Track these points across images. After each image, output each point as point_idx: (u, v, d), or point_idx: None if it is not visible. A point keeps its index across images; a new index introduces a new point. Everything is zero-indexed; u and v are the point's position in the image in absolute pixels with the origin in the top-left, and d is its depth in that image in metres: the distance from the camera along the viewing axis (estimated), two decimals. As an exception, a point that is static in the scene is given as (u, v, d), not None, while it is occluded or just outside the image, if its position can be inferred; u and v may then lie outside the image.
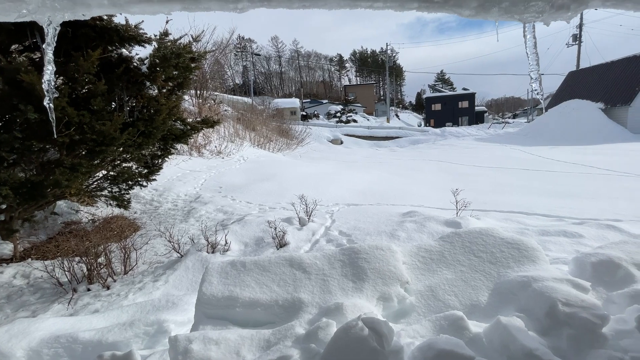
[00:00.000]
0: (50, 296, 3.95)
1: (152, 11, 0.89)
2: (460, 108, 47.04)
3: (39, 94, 3.33)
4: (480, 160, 13.26)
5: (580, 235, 3.82)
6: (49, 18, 0.76)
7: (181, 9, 0.91)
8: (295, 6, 0.96)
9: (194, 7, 0.90)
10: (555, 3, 0.92)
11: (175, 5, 0.89)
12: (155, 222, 6.05)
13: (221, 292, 2.04)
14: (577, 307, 1.59)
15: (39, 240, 5.15)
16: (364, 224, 5.04)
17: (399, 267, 2.12)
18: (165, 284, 3.91)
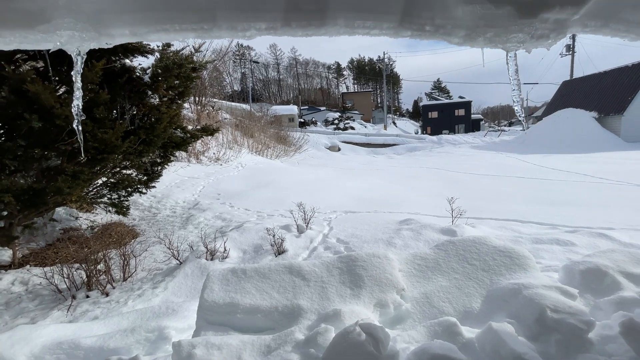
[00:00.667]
0: (49, 303, 3.96)
1: (168, 39, 0.97)
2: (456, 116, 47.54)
3: (44, 103, 3.40)
4: (476, 167, 13.40)
5: (573, 243, 3.91)
6: (77, 48, 0.84)
7: (195, 37, 0.99)
8: (299, 34, 1.05)
9: (206, 35, 0.99)
10: (535, 34, 1.02)
11: (189, 34, 0.97)
12: (154, 229, 6.07)
13: (222, 298, 2.09)
14: (565, 313, 1.66)
15: (38, 247, 5.16)
16: (361, 231, 5.10)
17: (395, 274, 2.19)
18: (164, 290, 3.94)
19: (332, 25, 1.07)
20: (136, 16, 0.90)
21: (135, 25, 0.91)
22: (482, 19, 1.01)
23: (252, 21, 1.00)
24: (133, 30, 0.91)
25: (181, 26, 0.95)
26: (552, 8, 0.97)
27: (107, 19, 0.85)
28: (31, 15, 0.79)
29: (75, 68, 0.88)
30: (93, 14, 0.82)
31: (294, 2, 0.99)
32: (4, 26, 0.79)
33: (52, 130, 3.69)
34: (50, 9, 0.78)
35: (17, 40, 0.82)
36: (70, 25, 0.81)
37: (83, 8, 0.80)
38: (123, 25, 0.89)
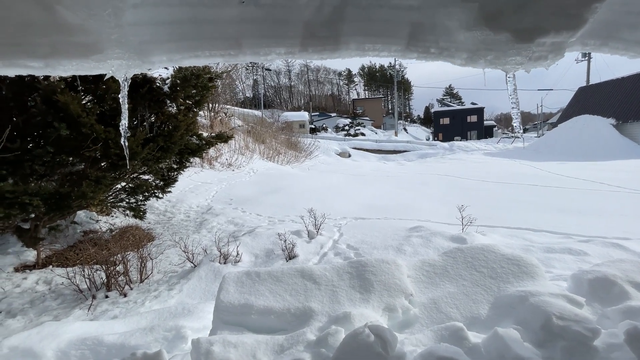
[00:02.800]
0: (70, 302, 4.15)
1: (198, 63, 1.10)
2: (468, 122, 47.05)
3: (72, 112, 3.62)
4: (488, 175, 13.25)
5: (585, 253, 3.87)
6: (125, 74, 0.97)
7: (222, 61, 1.11)
8: (315, 58, 1.16)
9: (232, 60, 1.11)
10: (532, 56, 1.10)
11: (217, 59, 1.10)
12: (169, 233, 6.26)
13: (237, 300, 2.20)
14: (571, 320, 1.70)
15: (61, 248, 5.40)
16: (371, 237, 5.16)
17: (404, 280, 2.26)
18: (179, 292, 4.07)
19: (345, 49, 1.17)
20: (172, 45, 1.02)
21: (172, 53, 1.03)
22: (482, 43, 1.10)
23: (273, 47, 1.12)
24: (170, 57, 1.04)
25: (211, 52, 1.07)
26: (548, 33, 1.06)
27: (149, 48, 0.98)
28: (87, 47, 0.92)
29: (123, 92, 1.01)
30: (138, 45, 0.95)
31: (311, 30, 1.10)
32: (64, 56, 0.93)
33: (78, 138, 3.91)
34: (102, 41, 0.92)
35: (74, 68, 0.95)
36: (119, 55, 0.94)
37: (130, 41, 0.93)
38: (162, 53, 1.02)
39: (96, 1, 0.83)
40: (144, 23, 0.93)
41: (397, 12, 1.14)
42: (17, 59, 0.90)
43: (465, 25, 1.07)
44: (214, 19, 1.01)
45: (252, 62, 13.99)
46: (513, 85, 1.14)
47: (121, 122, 1.06)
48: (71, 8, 0.83)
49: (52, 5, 0.83)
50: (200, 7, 0.97)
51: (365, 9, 1.13)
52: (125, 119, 1.06)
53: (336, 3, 1.09)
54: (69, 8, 0.83)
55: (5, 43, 0.88)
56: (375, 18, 1.14)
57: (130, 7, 0.88)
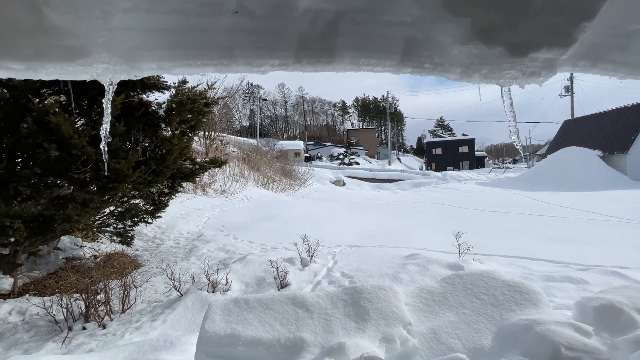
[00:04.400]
0: (44, 334, 3.85)
1: (190, 72, 1.07)
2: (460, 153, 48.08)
3: (63, 134, 3.57)
4: (482, 204, 13.29)
5: (586, 281, 3.78)
6: (110, 79, 0.94)
7: (214, 71, 1.09)
8: (309, 70, 1.15)
9: (224, 70, 1.09)
10: (526, 71, 1.10)
11: (209, 69, 1.08)
12: (157, 260, 6.02)
13: (224, 329, 2.04)
14: (580, 351, 1.59)
15: (40, 276, 5.12)
16: (366, 265, 5.00)
17: (401, 307, 2.13)
18: (163, 323, 3.82)
19: (339, 62, 1.17)
20: (164, 53, 1.00)
21: (163, 61, 1.01)
22: (476, 57, 1.10)
23: (266, 58, 1.10)
24: (160, 65, 1.01)
25: (203, 62, 1.05)
26: (541, 48, 1.06)
27: (138, 54, 0.96)
28: (72, 51, 0.89)
29: (107, 96, 0.98)
30: (127, 50, 0.93)
31: (305, 42, 1.09)
32: (48, 60, 0.90)
33: (67, 159, 3.84)
34: (90, 45, 0.89)
35: (57, 72, 0.92)
36: (105, 60, 0.91)
37: (119, 45, 0.91)
38: (152, 60, 0.99)
39: (85, 3, 0.81)
40: (135, 29, 0.91)
41: (391, 28, 1.14)
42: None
43: (459, 40, 1.08)
44: (207, 28, 1.00)
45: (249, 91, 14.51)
46: (509, 99, 1.13)
47: (102, 126, 1.01)
48: (59, 9, 0.81)
49: (40, 6, 0.80)
50: (193, 15, 0.96)
51: (359, 24, 1.13)
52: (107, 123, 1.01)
53: (330, 17, 1.10)
54: (57, 9, 0.81)
55: (-13, 44, 0.84)
56: (369, 33, 1.15)
57: (121, 12, 0.86)
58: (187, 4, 0.94)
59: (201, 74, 1.21)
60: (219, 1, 0.96)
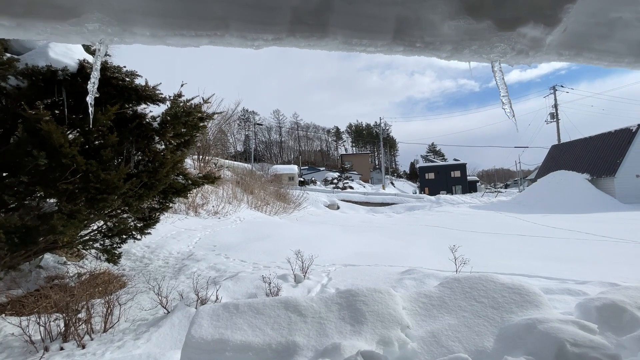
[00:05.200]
0: (17, 356, 3.58)
1: (183, 43, 1.08)
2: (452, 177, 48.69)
3: (54, 142, 3.53)
4: (476, 226, 13.27)
5: (585, 293, 3.70)
6: (101, 40, 0.93)
7: (208, 43, 1.10)
8: (302, 45, 1.16)
9: (218, 41, 1.09)
10: (515, 47, 1.13)
11: (203, 40, 1.08)
12: (145, 279, 5.78)
13: (211, 335, 1.92)
14: (587, 347, 1.52)
15: (19, 294, 4.85)
16: (361, 281, 4.86)
17: (398, 310, 2.04)
18: (147, 342, 3.59)
19: (332, 39, 1.19)
20: (158, 20, 1.01)
21: (156, 28, 1.01)
22: (466, 34, 1.12)
23: (260, 32, 1.12)
24: (153, 33, 1.01)
25: (197, 32, 1.06)
26: (527, 23, 1.10)
27: (131, 18, 0.96)
28: (65, 10, 0.89)
29: (97, 54, 0.96)
30: (121, 12, 0.93)
31: (299, 17, 1.11)
32: (38, 18, 0.89)
33: (56, 169, 3.76)
34: (82, 4, 0.89)
35: (48, 31, 0.91)
36: (97, 19, 0.90)
37: (112, 5, 0.91)
38: (145, 27, 0.99)
39: (81, -42, 0.82)
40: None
41: (382, 7, 1.17)
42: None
43: (448, 15, 1.11)
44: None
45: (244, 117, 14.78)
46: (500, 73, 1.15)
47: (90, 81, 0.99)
48: (54, -36, 0.81)
49: (34, -40, 0.81)
50: (189, -17, 0.97)
51: (352, 3, 1.16)
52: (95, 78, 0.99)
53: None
54: (52, -36, 0.81)
55: (-23, -2, 0.83)
56: (361, 12, 1.18)
57: (117, -30, 0.87)
58: (183, -29, 0.96)
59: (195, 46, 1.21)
60: (214, -30, 0.98)
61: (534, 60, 1.25)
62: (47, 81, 3.81)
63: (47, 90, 3.95)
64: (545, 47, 1.24)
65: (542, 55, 1.28)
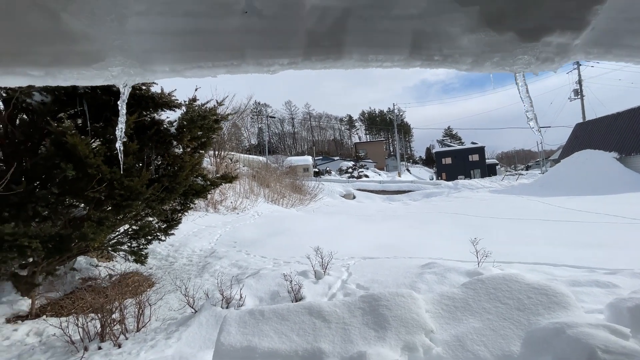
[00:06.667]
0: (61, 355, 3.84)
1: (201, 74, 1.09)
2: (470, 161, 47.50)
3: (79, 154, 3.67)
4: (497, 211, 12.97)
5: (615, 285, 3.58)
6: (125, 81, 0.96)
7: (225, 72, 1.11)
8: (318, 67, 1.15)
9: (235, 70, 1.10)
10: (540, 56, 1.08)
11: (220, 70, 1.09)
12: (171, 278, 6.01)
13: (239, 342, 1.99)
14: (619, 354, 1.48)
15: (57, 297, 5.16)
16: (381, 276, 4.88)
17: (421, 314, 2.05)
18: (177, 341, 3.77)
19: (348, 59, 1.17)
20: (176, 55, 1.02)
21: (175, 63, 1.03)
22: (487, 46, 1.08)
23: (276, 57, 1.11)
24: (172, 67, 1.03)
25: (214, 63, 1.07)
26: (553, 32, 1.05)
27: (151, 57, 0.98)
28: (88, 56, 0.92)
29: (122, 98, 1.00)
30: (141, 53, 0.95)
31: (313, 40, 1.10)
32: (65, 65, 0.92)
33: (83, 179, 3.92)
34: (105, 49, 0.91)
35: (74, 77, 0.94)
36: (120, 63, 0.93)
37: (133, 48, 0.93)
38: (164, 63, 1.01)
39: (101, 7, 0.84)
40: (148, 31, 0.94)
41: (399, 22, 1.14)
42: (18, 67, 0.89)
43: (468, 29, 1.07)
44: (218, 30, 1.02)
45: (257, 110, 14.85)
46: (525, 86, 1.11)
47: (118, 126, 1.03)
48: (76, 15, 0.83)
49: (58, 12, 0.83)
50: (203, 17, 0.98)
51: (367, 20, 1.14)
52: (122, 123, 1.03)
53: (338, 14, 1.11)
54: (74, 15, 0.83)
55: (7, 52, 0.87)
56: (376, 28, 1.15)
57: (135, 15, 0.89)
58: (198, 5, 0.96)
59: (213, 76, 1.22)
60: (228, 2, 0.98)
61: (560, 65, 1.19)
62: (69, 95, 3.94)
63: (70, 103, 4.09)
64: (572, 50, 1.18)
65: (568, 59, 1.22)
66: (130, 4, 0.86)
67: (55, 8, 0.83)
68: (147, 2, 0.89)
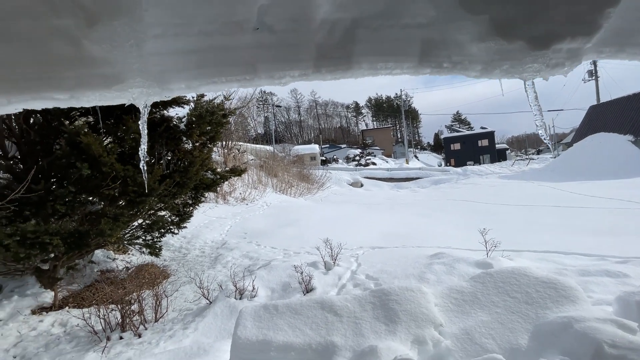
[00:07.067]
0: (85, 344, 4.05)
1: (215, 89, 1.13)
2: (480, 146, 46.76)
3: (93, 153, 3.77)
4: (507, 198, 12.85)
5: (626, 274, 3.58)
6: (145, 102, 1.00)
7: (238, 86, 1.14)
8: (328, 78, 1.17)
9: (247, 84, 1.13)
10: (550, 63, 1.08)
11: (233, 84, 1.12)
12: (185, 269, 6.20)
13: (255, 336, 2.08)
14: (625, 348, 1.52)
15: (78, 289, 5.38)
16: (390, 267, 4.95)
17: (431, 308, 2.11)
18: (194, 331, 3.93)
19: (357, 69, 1.19)
20: (191, 73, 1.06)
21: (191, 80, 1.06)
22: (496, 54, 1.09)
23: (287, 70, 1.14)
24: (188, 84, 1.07)
25: (227, 78, 1.10)
26: (564, 39, 1.04)
27: (168, 77, 1.01)
28: (109, 78, 0.96)
29: (143, 118, 1.04)
30: (158, 73, 0.99)
31: (323, 52, 1.12)
32: (88, 88, 0.96)
33: (98, 177, 4.03)
34: (124, 72, 0.95)
35: (97, 99, 0.99)
36: (139, 84, 0.97)
37: (150, 70, 0.96)
38: (180, 81, 1.05)
39: (120, 34, 0.87)
40: (164, 53, 0.97)
41: (408, 31, 1.15)
42: (45, 92, 0.93)
43: (477, 37, 1.07)
44: (230, 47, 1.04)
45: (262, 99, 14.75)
46: (534, 93, 1.11)
47: (141, 147, 1.08)
48: (96, 41, 0.87)
49: (80, 40, 0.87)
50: (217, 35, 1.00)
51: (376, 30, 1.15)
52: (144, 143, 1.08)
53: (347, 25, 1.12)
54: (95, 42, 0.87)
55: (35, 78, 0.92)
56: (385, 38, 1.16)
57: (152, 38, 0.92)
58: (211, 25, 0.99)
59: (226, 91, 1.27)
60: (240, 20, 1.00)
61: (571, 69, 1.19)
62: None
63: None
64: (584, 55, 1.17)
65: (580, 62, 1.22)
66: (147, 28, 0.89)
67: (77, 36, 0.87)
68: (162, 26, 0.92)
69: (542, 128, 1.09)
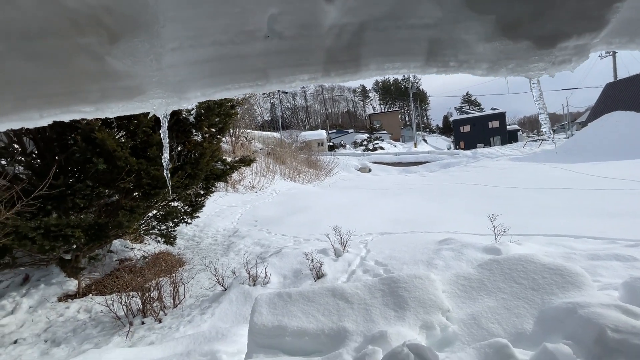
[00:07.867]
0: (109, 329, 4.29)
1: (229, 95, 1.17)
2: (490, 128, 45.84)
3: (108, 148, 3.88)
4: (517, 181, 12.71)
5: (635, 258, 3.59)
6: (164, 111, 1.06)
7: (250, 91, 1.19)
8: (337, 81, 1.21)
9: (259, 89, 1.18)
10: (556, 61, 1.09)
11: (246, 90, 1.17)
12: (199, 257, 6.41)
13: (271, 322, 2.20)
14: (628, 333, 1.57)
15: (99, 277, 5.64)
16: (399, 253, 5.04)
17: (439, 295, 2.19)
18: (212, 316, 4.12)
19: (365, 70, 1.22)
20: (206, 81, 1.11)
21: (206, 88, 1.12)
22: (502, 53, 1.10)
23: (297, 74, 1.18)
24: (203, 92, 1.12)
25: (240, 84, 1.15)
26: (570, 37, 1.05)
27: (185, 86, 1.07)
28: (131, 90, 1.02)
29: (163, 128, 1.10)
30: (176, 84, 1.04)
31: (332, 56, 1.15)
32: (111, 100, 1.03)
33: (113, 171, 4.16)
34: (145, 84, 1.01)
35: (120, 110, 1.05)
36: (159, 95, 1.02)
37: (169, 81, 1.02)
38: (196, 89, 1.10)
39: (140, 50, 0.92)
40: (181, 64, 1.02)
41: (414, 31, 1.17)
42: (72, 105, 1.00)
43: (483, 37, 1.09)
44: (243, 55, 1.08)
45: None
46: (538, 91, 1.13)
47: (164, 155, 1.15)
48: (119, 57, 0.93)
49: (103, 56, 0.93)
50: (229, 45, 1.05)
51: (383, 32, 1.17)
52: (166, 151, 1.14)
53: (355, 29, 1.15)
54: (117, 58, 0.93)
55: (63, 93, 0.98)
56: (393, 39, 1.19)
57: (169, 51, 0.97)
58: (224, 35, 1.03)
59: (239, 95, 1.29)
60: (251, 29, 1.04)
61: (578, 64, 1.19)
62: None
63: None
64: (591, 49, 1.18)
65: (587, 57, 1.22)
66: (165, 43, 0.94)
67: (101, 53, 0.92)
68: (179, 39, 0.97)
69: (547, 126, 1.12)
